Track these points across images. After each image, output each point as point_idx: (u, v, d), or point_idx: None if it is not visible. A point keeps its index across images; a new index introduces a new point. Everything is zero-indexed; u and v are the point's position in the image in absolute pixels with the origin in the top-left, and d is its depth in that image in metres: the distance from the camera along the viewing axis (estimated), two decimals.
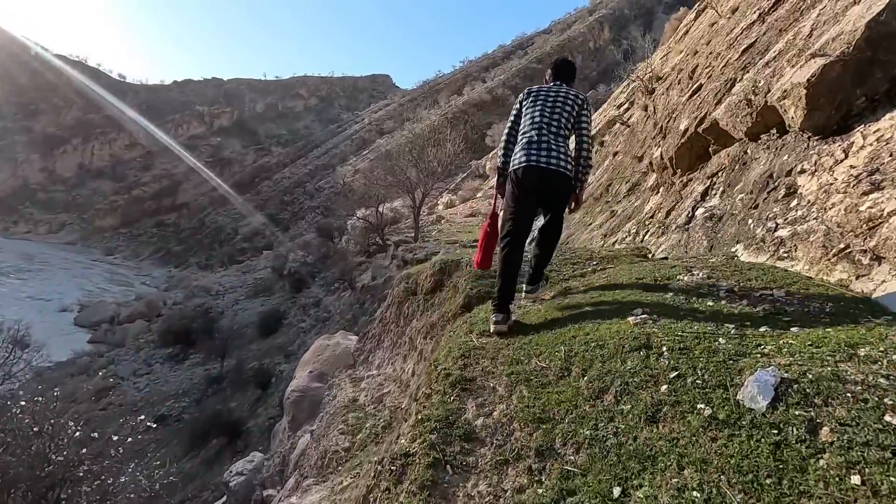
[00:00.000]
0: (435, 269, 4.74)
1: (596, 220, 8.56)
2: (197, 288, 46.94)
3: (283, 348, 19.67)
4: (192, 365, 23.34)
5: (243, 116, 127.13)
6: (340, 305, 19.09)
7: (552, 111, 3.19)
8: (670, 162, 6.03)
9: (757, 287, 2.61)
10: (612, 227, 7.25)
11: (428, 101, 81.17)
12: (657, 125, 7.61)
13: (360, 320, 14.99)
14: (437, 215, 28.83)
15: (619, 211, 7.70)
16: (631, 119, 12.05)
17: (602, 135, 15.03)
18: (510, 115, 3.39)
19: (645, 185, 7.36)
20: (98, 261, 77.36)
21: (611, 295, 2.97)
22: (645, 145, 8.31)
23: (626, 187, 8.31)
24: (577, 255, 4.58)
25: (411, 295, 4.83)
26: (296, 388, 7.32)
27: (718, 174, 4.96)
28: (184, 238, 79.75)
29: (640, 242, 5.95)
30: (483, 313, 3.33)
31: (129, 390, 21.81)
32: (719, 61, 6.33)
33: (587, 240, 7.81)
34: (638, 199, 7.24)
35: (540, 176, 3.06)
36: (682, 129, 5.72)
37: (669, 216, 5.67)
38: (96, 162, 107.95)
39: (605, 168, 11.67)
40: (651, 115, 8.75)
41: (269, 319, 23.88)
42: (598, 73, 73.11)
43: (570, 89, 3.32)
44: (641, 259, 4.22)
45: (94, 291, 56.98)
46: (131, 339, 33.41)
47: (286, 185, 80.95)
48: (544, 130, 3.14)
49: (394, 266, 16.87)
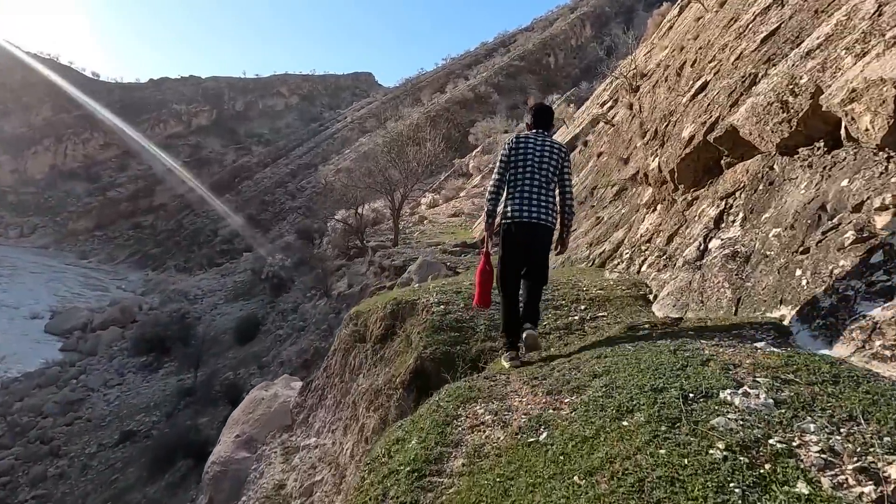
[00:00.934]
0: (386, 311, 4.11)
1: (581, 225, 8.13)
2: (174, 292, 45.77)
3: (259, 357, 18.95)
4: (166, 374, 22.46)
5: (222, 115, 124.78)
6: (316, 314, 18.48)
7: (540, 163, 3.49)
8: (671, 175, 5.14)
9: None
10: (598, 236, 6.79)
11: (410, 98, 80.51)
12: (643, 125, 7.19)
13: (335, 331, 14.42)
14: (420, 216, 28.29)
15: (606, 217, 7.24)
16: (615, 118, 11.67)
17: (585, 134, 14.66)
18: (498, 161, 3.64)
19: (638, 200, 6.56)
20: (72, 265, 75.12)
21: (602, 408, 1.93)
22: (630, 146, 7.90)
23: (611, 191, 7.86)
24: (562, 295, 4.05)
25: (359, 341, 4.25)
26: (217, 460, 6.29)
27: (735, 195, 4.12)
28: (161, 240, 77.94)
29: (635, 272, 5.15)
30: (440, 412, 2.42)
31: (99, 403, 20.87)
32: (728, 53, 5.36)
33: (572, 248, 7.42)
34: (625, 206, 6.77)
35: (530, 229, 3.42)
36: (685, 137, 4.86)
37: (672, 243, 4.85)
38: (69, 163, 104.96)
39: (589, 169, 11.25)
40: (637, 113, 8.35)
41: (246, 326, 23.09)
42: (580, 70, 73.26)
43: (553, 141, 3.64)
44: (641, 304, 3.69)
45: (67, 297, 55.17)
46: (104, 346, 32.26)
47: (267, 184, 79.62)
48: (535, 185, 3.45)
49: (371, 273, 16.26)
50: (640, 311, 3.88)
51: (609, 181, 8.28)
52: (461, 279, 5.46)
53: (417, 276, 12.04)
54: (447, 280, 5.52)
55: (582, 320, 3.42)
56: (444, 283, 5.13)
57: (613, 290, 4.10)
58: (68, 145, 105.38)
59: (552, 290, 4.33)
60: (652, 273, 4.85)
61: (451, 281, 5.37)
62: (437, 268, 11.71)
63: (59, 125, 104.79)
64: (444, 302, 4.17)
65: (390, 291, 5.18)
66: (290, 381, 7.48)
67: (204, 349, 22.46)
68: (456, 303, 4.17)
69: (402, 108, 74.42)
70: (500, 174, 3.55)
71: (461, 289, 4.62)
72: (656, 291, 4.40)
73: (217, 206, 72.27)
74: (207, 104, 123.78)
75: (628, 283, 4.65)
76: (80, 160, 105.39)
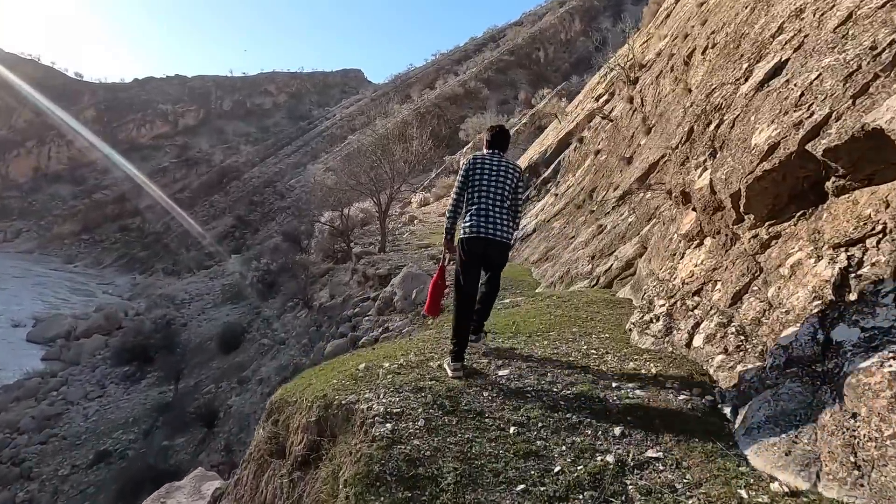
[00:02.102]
0: (311, 419, 2.84)
1: (580, 234, 7.40)
2: (161, 297, 44.82)
3: (242, 368, 18.10)
4: (149, 386, 21.59)
5: (210, 115, 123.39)
6: (297, 326, 17.65)
7: (496, 183, 3.66)
8: (734, 200, 3.55)
9: None
10: (602, 249, 6.05)
11: (400, 95, 79.61)
12: (646, 120, 6.49)
13: (315, 346, 13.59)
14: (410, 215, 27.55)
15: (609, 226, 6.50)
16: (613, 112, 10.97)
17: (580, 130, 13.96)
18: (457, 180, 3.79)
19: (675, 227, 4.95)
20: (57, 270, 73.73)
21: None
22: (633, 143, 7.19)
23: (614, 195, 7.11)
24: (580, 396, 2.76)
25: (276, 455, 2.96)
26: None
27: (865, 243, 2.54)
28: (149, 243, 76.67)
29: (682, 343, 3.61)
30: None
31: (77, 418, 19.97)
32: (814, 18, 3.72)
33: (570, 261, 6.66)
34: (632, 213, 6.02)
35: (486, 245, 3.59)
36: (760, 145, 3.32)
37: (742, 304, 3.30)
38: (53, 165, 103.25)
39: (585, 169, 10.52)
40: (638, 108, 7.66)
41: (230, 335, 22.23)
42: (570, 64, 72.74)
43: (509, 162, 3.80)
44: (715, 429, 2.37)
45: (52, 303, 54.01)
46: (87, 355, 31.30)
47: (256, 184, 78.48)
48: (491, 203, 3.63)
49: (354, 282, 15.36)
50: (722, 452, 2.28)
51: (611, 182, 7.55)
52: (429, 344, 4.13)
53: (401, 289, 11.37)
54: (410, 349, 4.03)
55: (620, 466, 2.16)
56: (404, 356, 3.76)
57: (659, 389, 2.87)
58: (52, 147, 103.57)
59: (559, 378, 3.23)
60: (716, 355, 3.21)
61: (417, 348, 4.01)
62: (422, 280, 10.87)
63: (41, 127, 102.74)
64: (394, 414, 2.65)
65: (327, 368, 3.81)
66: (201, 483, 5.77)
67: (188, 358, 21.62)
68: (413, 412, 2.69)
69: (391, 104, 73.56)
70: (459, 192, 3.74)
71: (425, 361, 3.53)
72: (735, 404, 2.70)
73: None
74: (194, 104, 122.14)
75: (677, 364, 3.30)
76: (64, 162, 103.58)
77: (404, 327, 10.02)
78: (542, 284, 7.76)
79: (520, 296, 6.36)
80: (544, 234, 10.26)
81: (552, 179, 15.09)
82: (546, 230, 10.52)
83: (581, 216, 7.98)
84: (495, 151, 3.82)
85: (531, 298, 6.23)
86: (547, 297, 5.97)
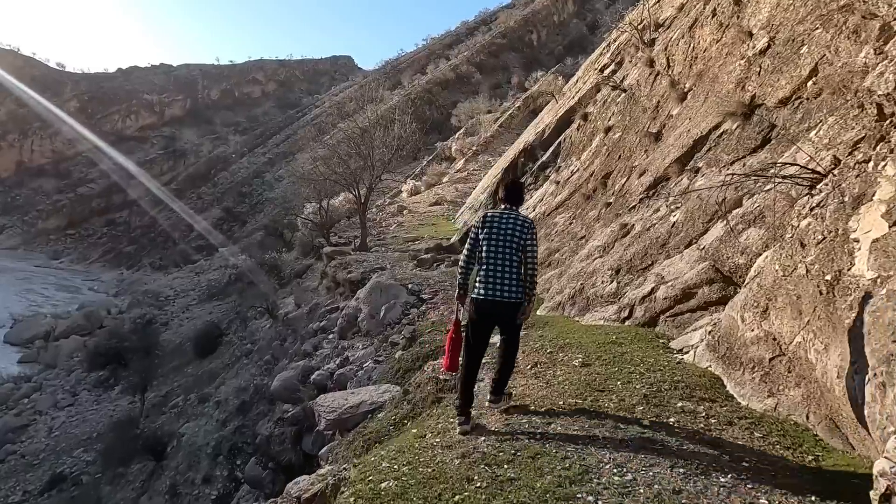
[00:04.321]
0: None
1: (593, 234, 5.93)
2: (145, 294, 43.38)
3: (215, 376, 16.60)
4: (121, 393, 20.17)
5: (197, 105, 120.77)
6: (261, 338, 16.12)
7: (507, 242, 3.68)
8: None
9: None
10: (632, 260, 4.58)
11: (390, 81, 77.67)
12: (676, 83, 5.07)
13: (279, 363, 11.94)
14: (399, 205, 26.02)
15: (637, 226, 4.95)
16: (626, 80, 9.38)
17: (583, 105, 12.41)
18: (469, 238, 3.86)
19: (843, 237, 2.92)
20: (42, 266, 72.00)
21: None
22: (661, 114, 5.76)
23: (641, 182, 5.58)
24: None
25: None
26: None
27: None
28: (136, 237, 74.93)
29: None
30: None
31: (41, 431, 18.55)
32: None
33: (583, 273, 5.18)
34: (676, 208, 4.51)
35: (495, 305, 3.64)
36: None
37: None
38: (37, 159, 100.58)
39: (594, 150, 8.96)
40: (662, 71, 6.22)
41: (206, 339, 20.72)
42: (563, 46, 71.14)
43: (518, 215, 3.80)
44: None
45: (35, 301, 52.50)
46: (64, 358, 29.87)
47: (244, 175, 76.61)
48: (500, 263, 3.64)
49: (323, 288, 13.59)
50: None
51: (631, 166, 6.08)
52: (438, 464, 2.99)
53: (367, 305, 9.12)
54: None
55: None
56: None
57: None
58: (34, 140, 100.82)
59: None
60: None
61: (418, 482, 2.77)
62: (395, 293, 8.95)
63: (23, 120, 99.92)
64: None
65: None
66: None
67: (164, 362, 20.23)
68: None
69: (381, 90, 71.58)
70: (470, 249, 3.79)
71: None
72: None
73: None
74: (181, 93, 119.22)
75: None
76: (48, 156, 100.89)
77: (367, 359, 8.24)
78: (545, 304, 6.39)
79: None
80: (545, 231, 8.81)
81: (552, 164, 13.37)
82: (547, 226, 9.06)
83: (592, 209, 6.51)
84: (509, 207, 3.81)
85: (535, 333, 4.88)
86: (557, 334, 4.60)
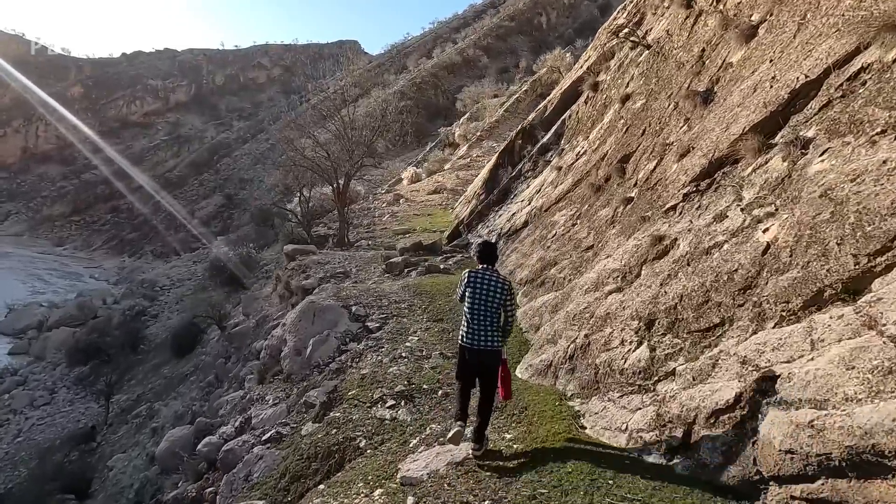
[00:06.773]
0: None
1: (605, 246, 4.25)
2: (141, 283, 42.38)
3: (177, 384, 15.22)
4: (97, 393, 19.05)
5: (202, 90, 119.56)
6: (209, 353, 14.55)
7: (486, 298, 4.33)
8: None
9: None
10: (678, 311, 2.88)
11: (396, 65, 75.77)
12: (732, 19, 3.46)
13: (219, 388, 10.24)
14: (396, 194, 24.49)
15: (684, 244, 3.13)
16: (650, 35, 7.43)
17: (594, 73, 10.52)
18: (458, 289, 4.58)
19: None
20: (46, 253, 71.70)
21: None
22: (710, 66, 4.06)
23: (682, 168, 3.55)
24: None
25: None
26: None
27: None
28: (138, 224, 74.25)
29: None
30: None
31: (10, 433, 17.47)
32: None
33: (589, 316, 3.54)
34: (762, 222, 2.69)
35: (477, 353, 4.34)
36: None
37: None
38: (42, 145, 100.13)
39: (606, 126, 7.00)
40: (708, 9, 4.51)
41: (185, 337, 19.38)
42: (573, 29, 68.75)
43: (497, 276, 4.42)
44: None
45: (37, 288, 51.96)
46: (52, 350, 28.90)
47: (247, 161, 75.40)
48: (480, 317, 4.32)
49: (276, 296, 11.71)
50: None
51: (664, 143, 4.35)
52: None
53: (293, 336, 6.57)
54: None
55: None
56: None
57: None
58: (39, 126, 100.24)
59: None
60: None
61: None
62: (333, 318, 6.31)
63: (27, 106, 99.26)
64: None
65: None
66: None
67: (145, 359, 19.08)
68: None
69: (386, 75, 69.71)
70: (461, 298, 4.50)
71: None
72: None
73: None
74: (185, 79, 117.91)
75: None
76: (52, 142, 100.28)
77: (271, 425, 5.73)
78: (530, 358, 5.01)
79: None
80: (540, 233, 7.15)
81: (553, 146, 11.27)
82: (543, 225, 7.38)
83: (604, 206, 4.72)
84: (486, 267, 4.43)
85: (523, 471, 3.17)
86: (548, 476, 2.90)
